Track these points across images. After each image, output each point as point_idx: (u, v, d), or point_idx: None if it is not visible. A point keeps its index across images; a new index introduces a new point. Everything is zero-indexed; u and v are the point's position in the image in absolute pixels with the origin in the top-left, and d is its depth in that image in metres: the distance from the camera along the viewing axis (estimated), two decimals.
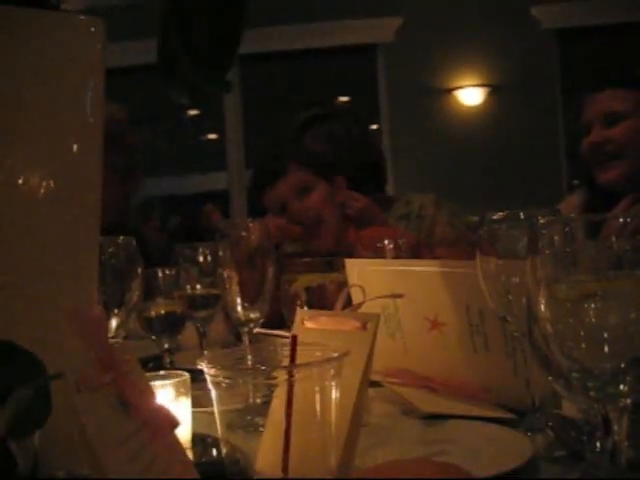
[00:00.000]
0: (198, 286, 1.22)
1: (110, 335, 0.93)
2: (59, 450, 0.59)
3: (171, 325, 1.24)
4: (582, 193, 1.97)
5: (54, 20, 0.69)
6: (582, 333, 0.52)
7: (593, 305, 0.52)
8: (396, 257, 1.21)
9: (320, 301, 1.06)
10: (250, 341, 1.07)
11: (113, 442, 0.51)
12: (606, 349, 0.51)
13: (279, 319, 1.12)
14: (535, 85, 5.77)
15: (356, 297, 0.88)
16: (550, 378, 0.54)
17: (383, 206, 2.07)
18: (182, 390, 0.82)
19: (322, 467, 0.65)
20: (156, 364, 1.20)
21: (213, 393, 0.66)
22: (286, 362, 0.66)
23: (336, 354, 0.65)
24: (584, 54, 5.99)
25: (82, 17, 0.69)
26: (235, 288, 1.06)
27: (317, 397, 0.64)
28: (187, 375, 0.83)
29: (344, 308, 0.84)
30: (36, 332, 0.61)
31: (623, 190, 1.72)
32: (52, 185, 0.69)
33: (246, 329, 1.07)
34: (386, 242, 1.20)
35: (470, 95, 5.82)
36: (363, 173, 2.13)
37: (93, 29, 0.69)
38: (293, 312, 0.81)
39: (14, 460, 0.46)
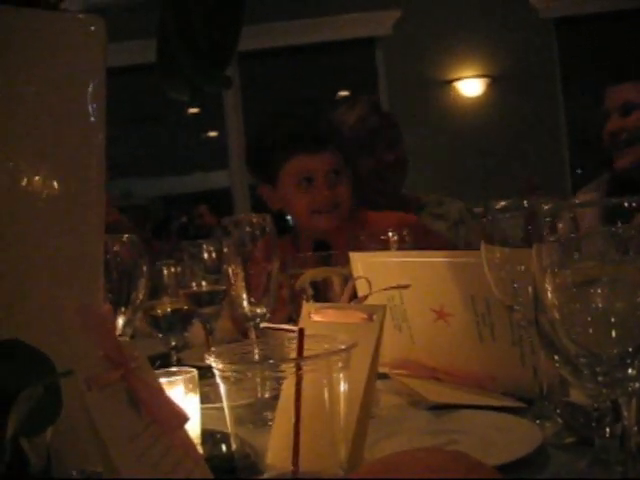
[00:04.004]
0: (203, 283, 1.22)
1: (117, 334, 0.93)
2: (71, 448, 0.59)
3: (178, 322, 1.25)
4: (603, 181, 2.07)
5: (53, 20, 0.69)
6: (589, 319, 0.52)
7: (600, 290, 0.52)
8: (400, 248, 1.21)
9: (326, 295, 1.06)
10: (257, 336, 1.07)
11: (124, 438, 0.51)
12: (613, 334, 0.51)
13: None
14: (534, 74, 5.76)
15: (361, 289, 0.88)
16: (558, 365, 0.54)
17: (400, 205, 2.09)
18: (190, 386, 0.82)
19: (332, 460, 0.65)
20: (163, 362, 1.20)
21: (222, 388, 0.66)
22: (294, 355, 0.66)
23: (344, 346, 0.65)
24: (582, 42, 5.98)
25: (82, 16, 0.69)
26: (241, 284, 1.06)
27: (325, 390, 0.64)
28: (195, 371, 0.83)
29: (350, 301, 0.84)
30: (44, 331, 0.61)
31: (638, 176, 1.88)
32: (55, 185, 0.69)
33: (252, 324, 1.08)
34: (390, 234, 1.20)
35: (470, 86, 5.81)
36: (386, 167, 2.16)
37: (93, 28, 0.69)
38: (299, 306, 0.82)
39: (26, 458, 0.47)
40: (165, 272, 1.25)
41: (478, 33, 5.72)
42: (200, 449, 0.78)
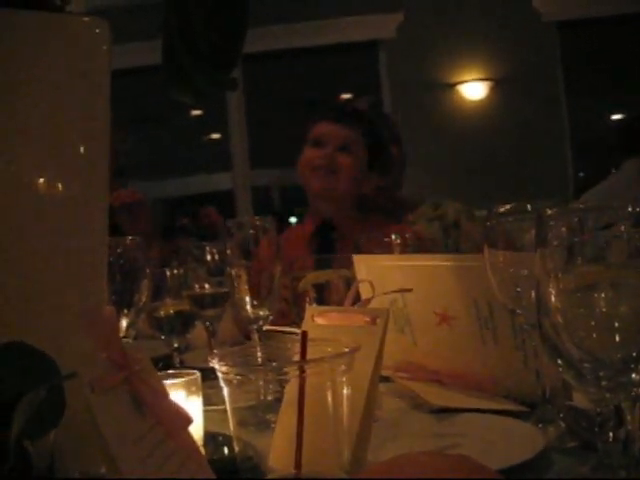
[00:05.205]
0: (206, 285, 1.22)
1: (121, 336, 0.93)
2: (75, 449, 0.59)
3: (180, 324, 1.25)
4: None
5: (59, 22, 0.69)
6: (593, 323, 0.52)
7: (603, 295, 0.51)
8: (403, 252, 1.21)
9: (328, 298, 1.06)
10: (260, 338, 1.07)
11: (128, 440, 0.51)
12: (617, 338, 0.51)
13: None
14: (537, 77, 5.75)
15: (364, 293, 0.88)
16: (561, 369, 0.54)
17: (399, 208, 2.10)
18: (193, 389, 0.82)
19: (334, 463, 0.65)
20: (166, 364, 1.20)
21: (225, 390, 0.66)
22: (297, 358, 0.66)
23: (347, 349, 0.65)
24: (585, 45, 5.98)
25: (87, 18, 0.69)
26: (244, 286, 1.06)
27: (328, 393, 0.64)
28: (198, 373, 0.83)
29: (353, 304, 0.84)
30: (47, 333, 0.61)
31: None
32: (59, 187, 0.69)
33: (255, 326, 1.08)
34: (393, 237, 1.20)
35: (473, 89, 5.80)
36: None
37: (98, 30, 0.69)
38: (302, 309, 0.82)
39: (30, 460, 0.47)
40: (168, 274, 1.26)
41: (481, 36, 5.72)
42: (202, 451, 0.78)
